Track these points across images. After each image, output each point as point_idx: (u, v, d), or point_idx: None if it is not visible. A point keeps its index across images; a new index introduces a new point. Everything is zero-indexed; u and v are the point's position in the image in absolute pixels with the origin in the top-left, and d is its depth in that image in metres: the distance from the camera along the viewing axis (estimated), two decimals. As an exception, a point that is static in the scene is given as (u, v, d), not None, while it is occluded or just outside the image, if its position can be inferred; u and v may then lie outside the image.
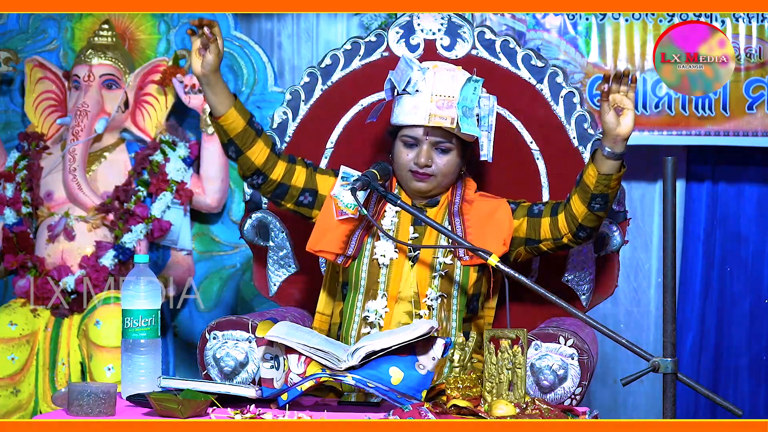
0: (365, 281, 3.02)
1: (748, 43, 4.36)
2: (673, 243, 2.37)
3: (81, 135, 4.37)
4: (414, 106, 3.00)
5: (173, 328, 4.57)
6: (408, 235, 3.04)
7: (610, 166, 2.85)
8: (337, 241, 3.01)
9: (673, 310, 2.36)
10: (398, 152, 3.05)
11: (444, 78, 3.01)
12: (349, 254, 3.01)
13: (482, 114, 3.02)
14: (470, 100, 2.99)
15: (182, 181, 4.44)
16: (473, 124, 2.99)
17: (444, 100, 2.98)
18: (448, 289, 2.99)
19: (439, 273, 2.99)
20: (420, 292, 2.99)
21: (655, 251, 4.66)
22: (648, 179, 4.64)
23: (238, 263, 4.57)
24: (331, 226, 3.02)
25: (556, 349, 2.85)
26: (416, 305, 2.99)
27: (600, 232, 3.18)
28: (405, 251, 3.02)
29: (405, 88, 3.01)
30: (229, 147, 3.01)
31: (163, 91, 4.50)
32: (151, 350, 2.76)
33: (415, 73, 3.01)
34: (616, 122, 2.81)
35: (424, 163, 3.00)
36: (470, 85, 3.00)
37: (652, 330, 4.66)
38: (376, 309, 2.99)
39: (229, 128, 2.97)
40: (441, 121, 2.98)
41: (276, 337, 2.62)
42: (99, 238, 4.34)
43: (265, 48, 4.68)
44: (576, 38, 4.46)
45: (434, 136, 3.01)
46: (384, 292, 3.00)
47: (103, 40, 4.56)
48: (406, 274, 3.00)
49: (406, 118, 3.01)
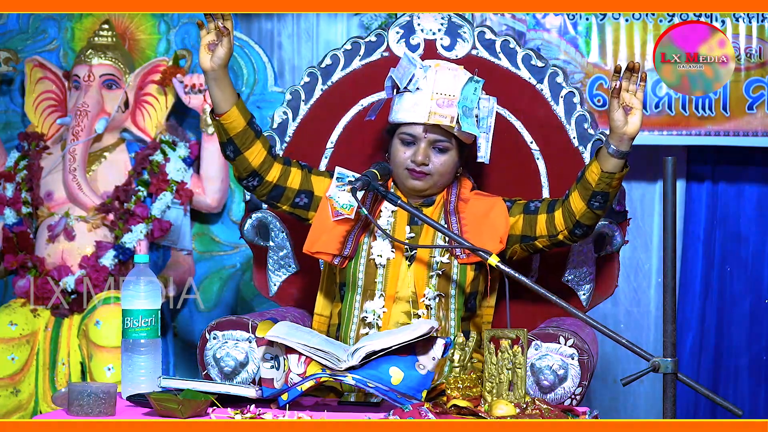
0: (362, 281, 3.02)
1: (748, 43, 4.36)
2: (673, 243, 2.37)
3: (81, 135, 4.37)
4: (414, 103, 3.00)
5: (173, 328, 4.57)
6: (404, 235, 3.03)
7: (614, 164, 2.85)
8: (333, 242, 3.01)
9: (673, 310, 2.36)
10: (396, 150, 3.05)
11: (446, 77, 3.01)
12: (346, 254, 3.00)
13: (481, 115, 3.03)
14: (470, 100, 2.99)
15: (182, 181, 4.45)
16: (473, 124, 2.99)
17: (445, 99, 2.98)
18: (446, 289, 2.99)
19: (437, 272, 2.99)
20: (418, 292, 2.99)
21: (655, 251, 4.66)
22: (648, 179, 4.64)
23: (238, 263, 4.57)
24: (327, 227, 3.02)
25: (557, 349, 2.85)
26: (414, 305, 2.99)
27: (600, 232, 3.18)
28: (402, 251, 3.02)
29: (406, 86, 3.01)
30: (228, 146, 3.00)
31: (163, 91, 4.50)
32: (151, 350, 2.76)
33: (417, 71, 3.01)
34: (624, 121, 2.81)
35: (422, 162, 3.00)
36: (471, 85, 3.00)
37: (652, 330, 4.66)
38: (374, 309, 2.99)
39: (230, 127, 2.96)
40: (441, 119, 2.98)
41: (276, 337, 2.62)
42: (99, 238, 4.34)
43: (265, 48, 4.68)
44: (576, 38, 4.46)
45: (433, 134, 3.00)
46: (381, 292, 3.00)
47: (103, 40, 4.56)
48: (403, 274, 3.00)
49: (405, 115, 3.01)
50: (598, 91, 4.40)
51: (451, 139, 3.02)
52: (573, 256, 3.22)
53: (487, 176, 3.29)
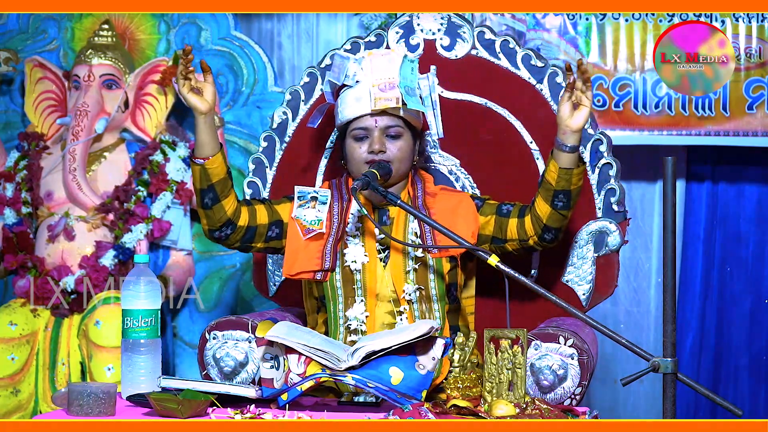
0: (342, 290, 3.01)
1: (748, 43, 4.36)
2: (673, 243, 2.37)
3: (81, 135, 4.37)
4: (357, 97, 3.01)
5: (173, 328, 4.57)
6: (374, 238, 3.03)
7: (567, 159, 2.89)
8: (312, 259, 2.98)
9: (673, 310, 2.36)
10: (351, 149, 3.04)
11: (381, 63, 3.03)
12: (327, 267, 2.98)
13: (423, 93, 3.05)
14: (410, 80, 3.01)
15: (182, 181, 4.45)
16: (417, 102, 3.01)
17: (386, 83, 3.00)
18: (425, 281, 2.99)
19: (413, 267, 2.99)
20: (397, 289, 2.99)
21: (655, 251, 4.66)
22: (648, 179, 4.64)
23: (238, 263, 4.57)
24: (300, 247, 3.00)
25: (556, 349, 2.85)
26: (396, 303, 2.99)
27: (600, 232, 3.18)
28: (375, 253, 3.01)
29: (344, 82, 3.02)
30: (208, 193, 2.96)
31: (163, 91, 4.50)
32: (151, 350, 2.76)
33: (351, 65, 3.03)
34: (570, 114, 2.86)
35: (379, 149, 3.00)
36: (407, 65, 3.02)
37: (652, 330, 4.66)
38: (356, 315, 2.98)
39: (213, 173, 2.93)
40: (387, 103, 2.98)
41: (276, 337, 2.62)
42: (99, 238, 4.34)
43: (265, 48, 4.68)
44: (576, 38, 4.46)
45: (383, 121, 3.01)
46: (362, 297, 3.00)
47: (103, 40, 4.56)
48: (380, 276, 3.00)
49: (351, 110, 3.02)
50: (598, 91, 4.40)
51: (402, 123, 3.02)
52: (573, 255, 3.23)
53: (487, 176, 3.29)
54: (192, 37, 4.60)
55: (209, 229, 3.02)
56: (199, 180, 2.95)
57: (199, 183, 2.95)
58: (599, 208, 3.23)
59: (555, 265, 3.25)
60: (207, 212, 2.98)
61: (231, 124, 4.56)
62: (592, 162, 3.22)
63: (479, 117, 3.31)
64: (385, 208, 3.07)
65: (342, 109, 3.04)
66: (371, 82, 3.00)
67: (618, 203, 3.21)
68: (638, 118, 4.38)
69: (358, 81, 3.02)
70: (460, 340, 2.68)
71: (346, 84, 3.04)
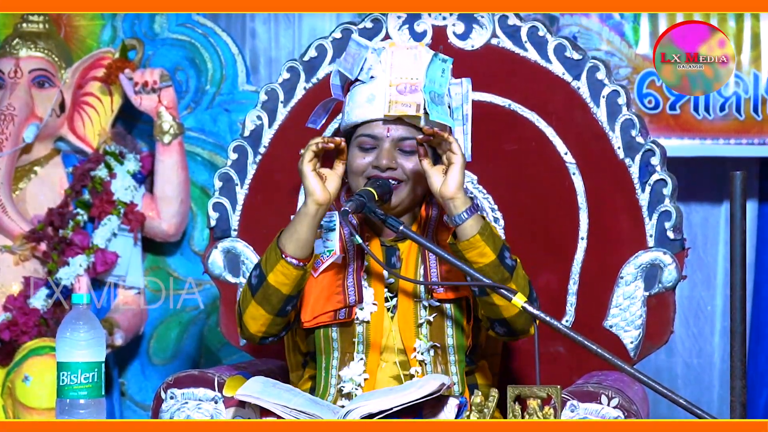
0: (338, 343, 2.96)
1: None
2: (742, 278, 2.38)
3: (5, 146, 4.38)
4: (369, 96, 2.96)
5: (121, 385, 4.58)
6: (383, 281, 2.98)
7: (461, 232, 2.82)
8: (330, 297, 2.94)
9: (742, 362, 2.37)
10: (352, 158, 2.97)
11: (404, 58, 2.97)
12: (353, 303, 2.92)
13: (454, 104, 3.02)
14: (438, 84, 2.96)
15: (132, 203, 4.46)
16: (444, 113, 2.95)
17: (406, 84, 2.93)
18: (440, 335, 2.95)
19: (426, 319, 2.94)
20: (406, 347, 2.94)
21: (720, 288, 4.67)
22: (711, 200, 4.66)
23: (202, 304, 4.58)
24: (314, 290, 2.95)
25: (598, 410, 2.85)
26: (404, 366, 2.94)
27: (652, 265, 3.19)
28: (382, 300, 2.97)
29: (358, 76, 2.99)
30: (292, 301, 2.91)
31: (107, 91, 4.52)
32: (93, 413, 2.76)
33: (369, 55, 2.99)
34: (441, 180, 2.82)
35: (387, 165, 2.92)
36: (437, 65, 2.98)
37: (717, 386, 4.67)
38: (352, 376, 2.92)
39: (306, 278, 2.90)
40: (404, 109, 2.92)
41: (249, 396, 2.63)
42: (28, 273, 4.35)
43: (235, 37, 4.70)
44: (622, 24, 4.49)
45: (398, 131, 2.95)
46: (362, 355, 2.94)
47: (33, 27, 4.57)
48: (386, 329, 2.96)
49: (361, 112, 2.96)
50: (650, 89, 4.42)
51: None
52: (617, 295, 3.23)
53: (510, 196, 3.30)
54: (144, 23, 4.61)
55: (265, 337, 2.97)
56: (293, 285, 2.88)
57: (289, 289, 2.88)
58: (651, 235, 3.24)
59: (596, 307, 3.26)
60: (278, 319, 2.93)
61: (192, 132, 4.58)
62: (642, 179, 3.23)
63: (501, 122, 3.32)
64: (394, 247, 3.01)
65: (350, 109, 3.00)
66: (389, 80, 2.95)
67: (674, 229, 3.22)
68: (699, 123, 4.40)
69: (373, 77, 2.97)
70: (477, 400, 2.69)
71: (359, 78, 3.01)
